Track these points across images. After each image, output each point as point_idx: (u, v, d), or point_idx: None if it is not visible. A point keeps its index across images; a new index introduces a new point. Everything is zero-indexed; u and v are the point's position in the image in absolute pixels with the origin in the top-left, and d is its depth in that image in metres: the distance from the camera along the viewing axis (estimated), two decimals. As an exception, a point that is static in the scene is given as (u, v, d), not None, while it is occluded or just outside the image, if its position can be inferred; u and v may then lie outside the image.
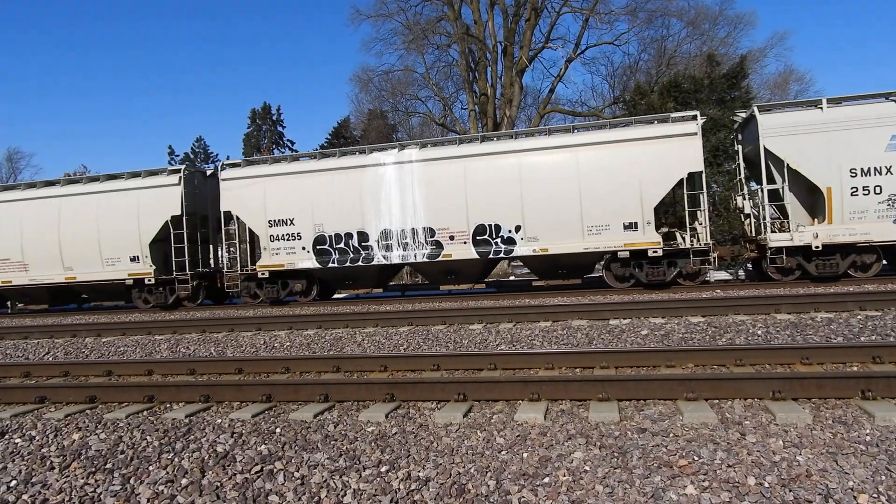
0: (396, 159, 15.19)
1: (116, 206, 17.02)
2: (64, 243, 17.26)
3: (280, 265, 15.82)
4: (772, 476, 3.20)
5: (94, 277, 17.24)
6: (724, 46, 31.42)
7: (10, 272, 17.77)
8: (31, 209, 17.68)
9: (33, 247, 17.51)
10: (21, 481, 3.78)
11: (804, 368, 5.52)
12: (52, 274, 17.44)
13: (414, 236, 15.08)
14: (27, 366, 7.71)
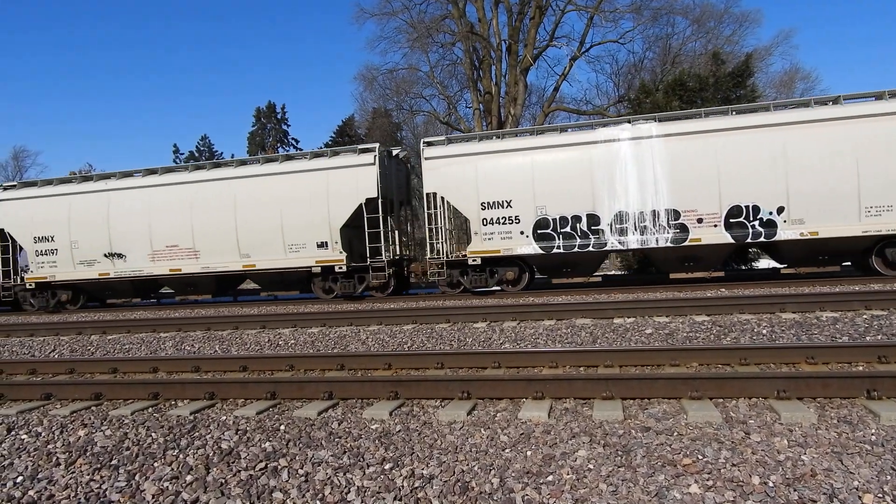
0: (632, 134, 13.88)
1: (302, 189, 15.71)
2: (241, 229, 16.08)
3: (494, 251, 14.54)
4: (776, 475, 3.19)
5: (274, 265, 16.00)
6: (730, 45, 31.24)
7: (180, 259, 16.61)
8: (203, 192, 16.49)
9: (206, 232, 16.34)
10: (27, 477, 3.80)
11: (809, 368, 5.50)
12: (227, 261, 16.25)
13: (654, 219, 13.71)
14: (33, 363, 7.75)
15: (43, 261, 17.57)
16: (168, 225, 16.68)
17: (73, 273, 17.37)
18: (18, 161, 53.10)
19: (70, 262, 17.40)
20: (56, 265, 17.49)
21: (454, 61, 32.46)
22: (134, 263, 16.99)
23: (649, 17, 29.88)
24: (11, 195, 18.07)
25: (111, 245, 17.10)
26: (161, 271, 16.82)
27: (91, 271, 17.26)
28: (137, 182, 17.24)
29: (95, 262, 17.21)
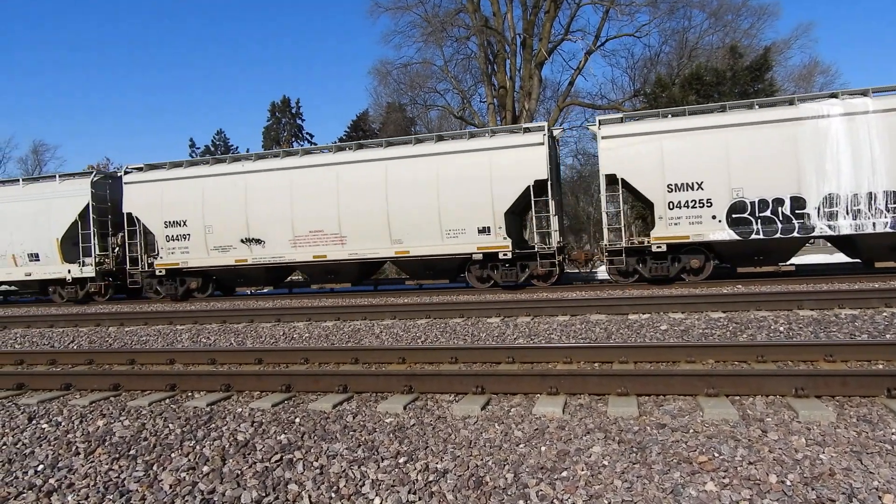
0: (844, 110, 12.86)
1: (461, 171, 14.79)
2: (393, 213, 15.16)
3: (682, 237, 13.59)
4: (794, 474, 3.16)
5: (429, 252, 15.04)
6: (748, 38, 30.90)
7: (324, 245, 15.70)
8: (350, 174, 15.58)
9: (354, 217, 15.43)
10: (48, 465, 3.86)
11: (827, 366, 5.44)
12: (377, 248, 15.38)
13: (870, 202, 12.68)
14: (53, 353, 7.86)
15: (174, 246, 16.82)
16: (312, 209, 15.75)
17: (207, 259, 16.63)
18: (38, 155, 53.79)
19: (203, 248, 16.63)
20: (188, 251, 16.73)
21: (468, 55, 32.40)
22: (273, 250, 16.13)
23: (666, 11, 29.61)
24: (139, 178, 17.40)
25: (249, 230, 16.24)
26: (304, 258, 15.96)
27: (226, 258, 16.49)
28: (277, 164, 16.39)
29: (231, 247, 16.42)
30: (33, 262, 18.12)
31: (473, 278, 15.22)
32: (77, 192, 17.73)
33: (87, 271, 17.70)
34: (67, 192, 17.83)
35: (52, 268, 18.00)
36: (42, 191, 18.20)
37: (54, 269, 17.97)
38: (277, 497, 3.31)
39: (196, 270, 16.91)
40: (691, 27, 31.14)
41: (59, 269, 17.91)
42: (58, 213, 17.77)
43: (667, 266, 13.93)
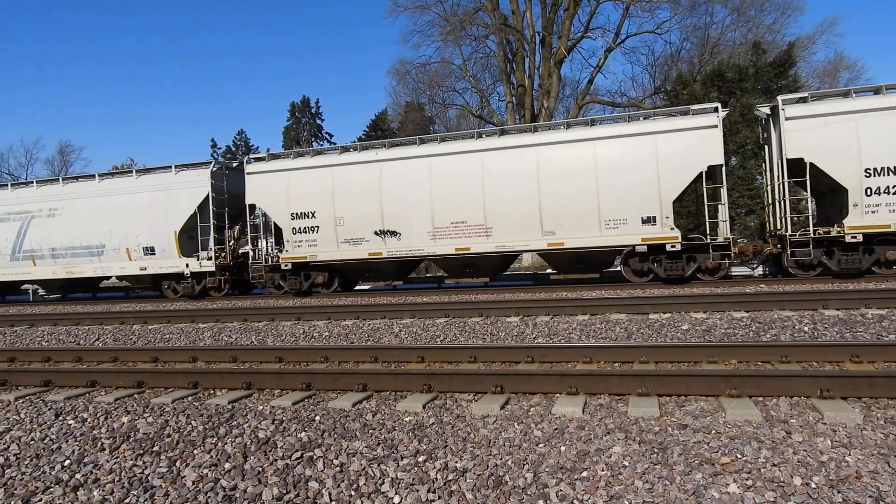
0: None
1: (623, 156, 13.92)
2: (545, 203, 14.20)
3: (883, 226, 12.56)
4: (819, 476, 3.11)
5: (585, 244, 14.10)
6: (771, 34, 30.43)
7: (467, 238, 14.80)
8: (497, 160, 14.68)
9: (501, 207, 14.54)
10: (74, 461, 3.93)
11: (854, 367, 5.34)
12: (527, 240, 14.43)
13: None
14: (79, 351, 8.01)
15: (301, 239, 16.14)
16: (454, 199, 14.89)
17: (336, 253, 15.91)
18: (64, 156, 54.82)
19: (333, 241, 15.90)
20: (316, 244, 16.02)
21: (487, 54, 32.40)
22: (411, 242, 15.32)
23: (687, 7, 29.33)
24: (263, 167, 16.76)
25: (383, 222, 15.49)
26: (444, 251, 15.05)
27: (358, 251, 15.71)
28: (414, 151, 15.59)
29: (363, 240, 15.66)
30: (148, 256, 17.62)
31: (630, 272, 14.40)
32: (196, 184, 17.20)
33: (206, 265, 17.08)
34: (186, 184, 17.31)
35: (168, 262, 17.45)
36: (159, 182, 17.66)
37: (171, 263, 17.41)
38: (298, 494, 3.33)
39: (323, 265, 16.22)
40: (713, 23, 30.80)
41: (176, 263, 17.34)
42: (176, 205, 17.26)
43: (859, 258, 12.96)
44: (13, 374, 6.53)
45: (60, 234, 18.27)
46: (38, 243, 18.59)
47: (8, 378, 6.43)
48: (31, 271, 18.83)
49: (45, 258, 18.59)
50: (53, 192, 18.71)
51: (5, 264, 18.93)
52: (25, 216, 18.73)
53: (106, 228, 17.83)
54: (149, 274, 17.81)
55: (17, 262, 18.81)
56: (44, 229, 18.50)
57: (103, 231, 17.87)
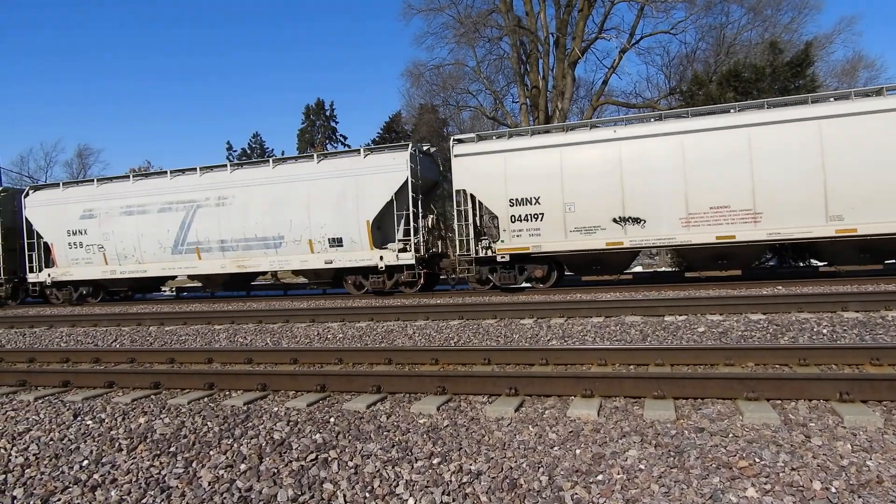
0: None
1: None
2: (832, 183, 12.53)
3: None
4: (839, 481, 3.06)
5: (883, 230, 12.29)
6: (788, 33, 30.08)
7: (729, 224, 13.21)
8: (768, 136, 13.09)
9: (775, 188, 12.86)
10: (92, 461, 3.97)
11: (874, 370, 5.26)
12: (807, 226, 12.73)
13: None
14: (97, 352, 8.10)
15: (521, 228, 14.62)
16: (713, 181, 13.31)
17: (564, 243, 14.40)
18: (83, 158, 55.47)
19: (560, 230, 14.34)
20: (539, 233, 14.46)
21: (501, 56, 32.33)
22: (657, 230, 13.76)
23: (703, 7, 29.06)
24: (475, 149, 15.29)
25: (624, 208, 13.93)
26: (701, 239, 13.45)
27: (591, 240, 14.15)
28: (660, 128, 14.05)
29: (598, 228, 14.11)
30: (335, 248, 16.16)
31: None
32: (392, 168, 15.72)
33: (404, 258, 15.51)
34: (380, 168, 15.87)
35: (358, 254, 15.93)
36: (347, 166, 16.22)
37: (361, 255, 15.89)
38: (313, 496, 3.34)
39: (545, 256, 14.71)
40: (729, 23, 30.48)
41: (367, 255, 15.84)
42: (370, 192, 15.80)
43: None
44: (32, 375, 6.62)
45: (231, 225, 16.98)
46: (204, 235, 17.27)
47: (27, 378, 6.52)
48: (196, 265, 17.53)
49: (212, 251, 17.31)
50: (221, 180, 17.35)
51: (166, 258, 17.77)
52: (190, 206, 17.40)
53: (285, 218, 16.43)
54: (333, 268, 16.32)
55: (180, 255, 17.59)
56: (211, 220, 17.17)
57: (282, 221, 16.48)
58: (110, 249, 18.32)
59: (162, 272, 18.22)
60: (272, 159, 17.54)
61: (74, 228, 18.65)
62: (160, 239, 17.71)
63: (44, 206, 19.23)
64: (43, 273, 19.24)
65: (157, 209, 17.75)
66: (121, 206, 18.21)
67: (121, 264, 18.35)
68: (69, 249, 18.78)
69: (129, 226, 18.04)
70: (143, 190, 18.21)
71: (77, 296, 19.12)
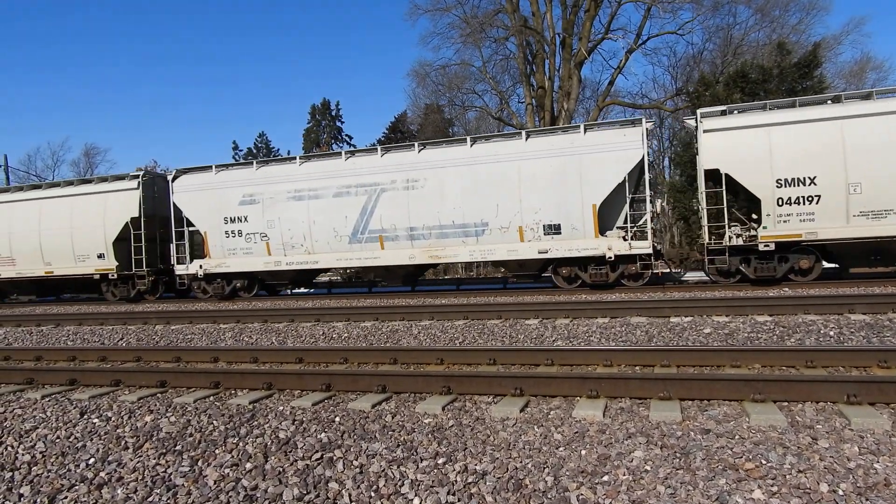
0: None
1: None
2: None
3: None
4: (846, 483, 3.05)
5: None
6: (796, 34, 29.98)
7: None
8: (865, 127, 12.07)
9: None
10: (99, 459, 3.99)
11: (881, 372, 5.23)
12: None
13: None
14: (103, 350, 8.14)
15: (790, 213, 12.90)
16: None
17: (845, 229, 12.69)
18: (90, 158, 55.73)
19: (841, 215, 12.72)
20: (814, 218, 12.84)
21: (507, 56, 32.33)
22: None
23: (710, 7, 28.98)
24: (731, 122, 13.60)
25: None
26: None
27: (880, 227, 12.48)
28: None
29: (890, 212, 12.43)
30: (551, 235, 14.39)
31: None
32: (624, 145, 13.99)
33: (639, 247, 13.85)
34: (608, 145, 14.06)
35: (579, 243, 14.18)
36: (566, 144, 14.45)
37: (584, 244, 14.15)
38: (318, 495, 3.35)
39: (817, 244, 13.09)
40: (736, 24, 30.41)
41: (591, 244, 14.10)
42: (595, 173, 14.05)
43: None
44: (39, 373, 6.65)
45: (422, 211, 15.31)
46: (390, 222, 15.60)
47: (34, 377, 6.55)
48: (379, 255, 15.87)
49: (398, 239, 15.62)
50: (409, 161, 15.63)
51: (342, 247, 16.14)
52: (372, 189, 15.75)
53: (489, 203, 14.76)
54: (546, 258, 14.62)
55: (360, 244, 15.94)
56: (399, 205, 15.52)
57: (486, 206, 14.80)
58: (275, 238, 16.67)
59: (336, 263, 16.79)
60: (469, 137, 15.63)
61: (233, 215, 17.00)
62: (336, 226, 16.07)
63: (195, 191, 17.55)
64: (193, 265, 17.49)
65: (332, 194, 16.11)
66: (288, 190, 16.53)
67: (286, 254, 16.64)
68: (225, 238, 17.14)
69: (298, 212, 16.41)
70: (313, 173, 16.50)
71: (230, 290, 17.48)
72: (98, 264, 18.56)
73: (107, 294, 19.13)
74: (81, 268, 18.76)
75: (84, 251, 18.64)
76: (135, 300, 18.60)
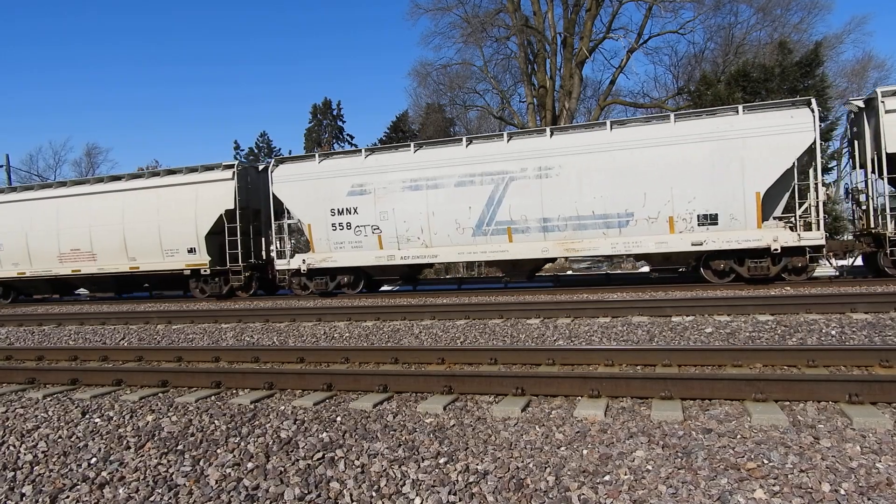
0: None
1: None
2: None
3: None
4: (848, 483, 3.04)
5: None
6: (797, 33, 29.93)
7: None
8: None
9: None
10: (100, 459, 4.00)
11: (883, 371, 5.22)
12: None
13: None
14: (105, 350, 8.14)
15: None
16: None
17: None
18: (91, 157, 55.75)
19: None
20: None
21: (508, 55, 32.35)
22: None
23: (711, 6, 29.00)
24: None
25: None
26: None
27: None
28: None
29: None
30: (705, 226, 13.47)
31: None
32: (791, 128, 12.86)
33: (810, 238, 12.77)
34: (772, 128, 12.96)
35: (739, 234, 13.18)
36: (722, 128, 13.43)
37: (744, 235, 13.15)
38: (320, 494, 3.35)
39: None
40: (738, 23, 30.40)
41: (754, 235, 13.14)
42: (758, 158, 13.03)
43: None
44: (41, 373, 6.66)
45: (557, 201, 14.32)
46: (520, 213, 14.61)
47: (36, 376, 6.56)
48: (507, 249, 14.84)
49: (529, 231, 14.64)
50: (540, 147, 14.62)
51: (464, 240, 15.16)
52: (500, 178, 14.75)
53: (635, 191, 13.80)
54: (700, 251, 13.63)
55: (484, 236, 14.97)
56: (530, 194, 14.52)
57: (631, 195, 13.85)
58: (388, 231, 15.71)
59: (458, 257, 15.78)
60: (609, 121, 14.52)
61: (341, 207, 16.01)
62: (458, 218, 15.09)
63: (298, 181, 16.55)
64: (296, 259, 16.54)
65: (454, 183, 15.13)
66: (403, 179, 15.55)
67: (400, 248, 15.69)
68: (332, 231, 16.12)
69: (414, 203, 15.44)
70: (430, 161, 15.46)
71: (333, 286, 16.46)
72: (188, 259, 17.56)
73: (195, 290, 18.11)
74: (170, 263, 17.74)
75: (173, 245, 17.63)
76: (226, 297, 17.59)
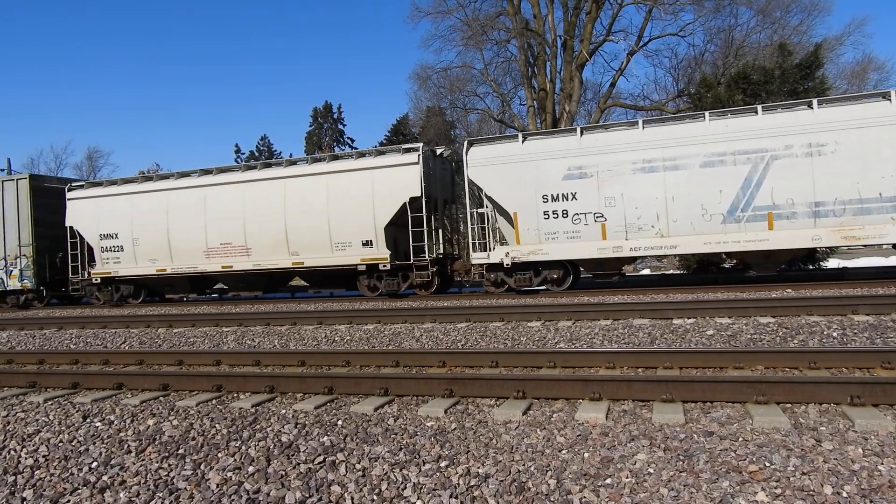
0: None
1: None
2: None
3: None
4: (850, 485, 3.04)
5: None
6: (797, 35, 29.88)
7: None
8: None
9: None
10: (101, 463, 3.99)
11: (885, 373, 5.21)
12: None
13: None
14: (106, 353, 8.14)
15: None
16: None
17: None
18: (92, 161, 55.77)
19: None
20: None
21: (508, 58, 32.31)
22: None
23: (711, 9, 28.94)
24: None
25: None
26: None
27: None
28: None
29: None
30: None
31: None
32: None
33: None
34: None
35: None
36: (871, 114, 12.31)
37: None
38: (321, 498, 3.34)
39: None
40: (738, 25, 30.32)
41: None
42: None
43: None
44: (42, 377, 6.66)
45: (834, 182, 12.50)
46: (785, 196, 12.78)
47: (37, 380, 6.56)
48: (767, 237, 12.96)
49: (795, 217, 12.77)
50: (807, 121, 12.76)
51: (711, 228, 13.32)
52: (758, 157, 12.97)
53: None
54: None
55: (738, 224, 13.12)
56: (799, 175, 12.70)
57: None
58: (614, 219, 13.92)
59: (703, 248, 13.79)
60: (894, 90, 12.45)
61: (555, 193, 14.27)
62: (704, 203, 13.31)
63: (497, 164, 14.83)
64: (497, 252, 14.67)
65: (699, 163, 13.38)
66: (632, 160, 13.83)
67: (628, 238, 13.87)
68: (543, 220, 14.34)
69: (648, 187, 13.70)
70: (666, 139, 13.74)
71: (539, 281, 14.70)
72: (364, 253, 15.73)
73: (363, 288, 16.19)
74: (341, 257, 15.91)
75: (344, 238, 15.87)
76: (402, 297, 15.75)
